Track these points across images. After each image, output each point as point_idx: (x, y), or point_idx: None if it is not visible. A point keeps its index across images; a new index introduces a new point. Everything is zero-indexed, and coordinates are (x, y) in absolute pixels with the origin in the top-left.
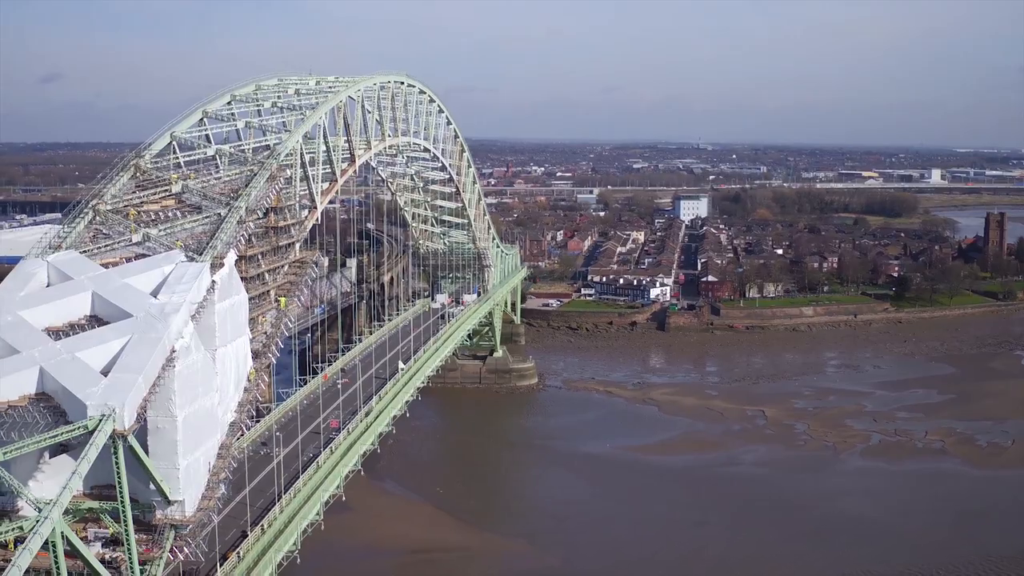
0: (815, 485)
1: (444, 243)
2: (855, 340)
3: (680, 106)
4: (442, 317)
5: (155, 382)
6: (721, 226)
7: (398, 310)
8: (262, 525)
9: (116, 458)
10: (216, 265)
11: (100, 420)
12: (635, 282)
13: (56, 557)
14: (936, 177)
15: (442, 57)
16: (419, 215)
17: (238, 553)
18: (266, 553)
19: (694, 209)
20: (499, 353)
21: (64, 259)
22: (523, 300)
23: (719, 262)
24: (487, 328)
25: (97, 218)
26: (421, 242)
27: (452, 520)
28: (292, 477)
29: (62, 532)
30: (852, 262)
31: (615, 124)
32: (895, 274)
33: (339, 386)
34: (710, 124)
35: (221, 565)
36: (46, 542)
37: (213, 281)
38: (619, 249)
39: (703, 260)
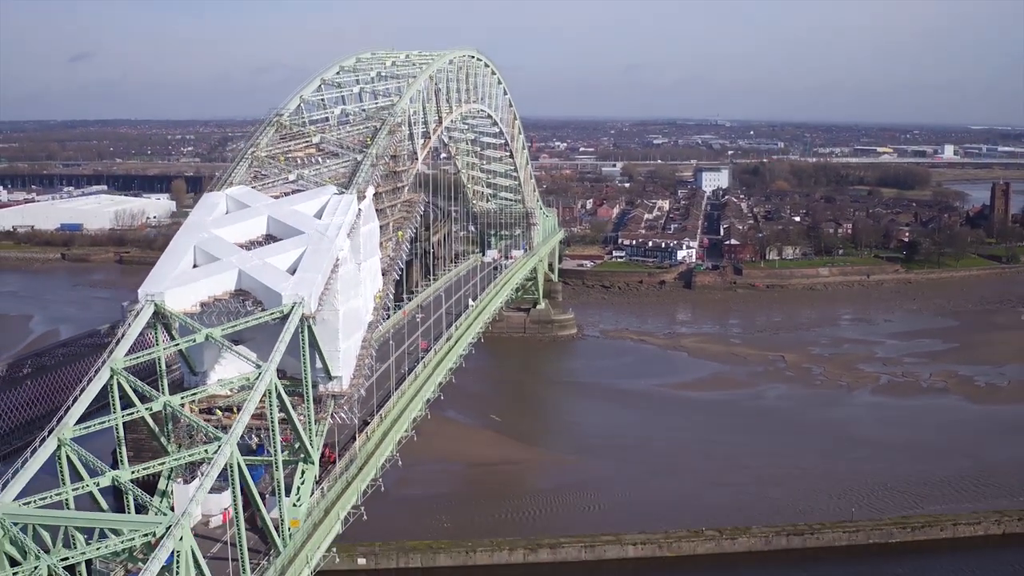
0: (831, 415)
1: (495, 203)
2: (867, 298)
3: (699, 84)
4: (495, 269)
5: (326, 283)
6: (741, 196)
7: (445, 268)
8: (381, 414)
9: (302, 336)
10: (360, 197)
11: (293, 306)
12: (663, 245)
13: (271, 406)
14: (949, 152)
15: (462, 35)
16: (473, 177)
17: (366, 434)
18: (388, 434)
19: (715, 181)
20: (542, 305)
21: (239, 192)
22: (559, 261)
23: (740, 227)
24: (531, 282)
25: (255, 163)
26: (474, 202)
27: (510, 441)
28: (398, 381)
29: (275, 384)
30: (865, 228)
31: (635, 102)
32: (905, 239)
33: (418, 320)
34: (729, 102)
35: (355, 440)
36: None
37: (359, 209)
38: (646, 216)
39: (725, 225)
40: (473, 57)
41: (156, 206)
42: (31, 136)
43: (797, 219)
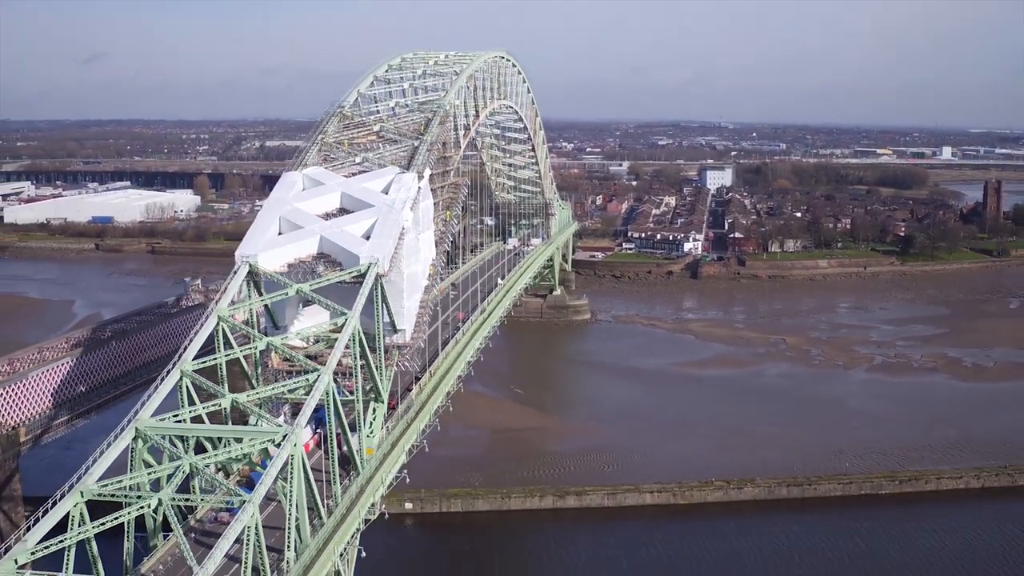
0: (828, 390)
1: (515, 195)
2: (864, 288)
3: (703, 87)
4: (516, 255)
5: (394, 248)
6: (744, 193)
7: (463, 258)
8: (430, 371)
9: (376, 292)
10: (419, 177)
11: (369, 266)
12: (670, 237)
13: (354, 352)
14: (947, 154)
15: (468, 36)
16: (497, 169)
17: (420, 386)
18: (438, 386)
19: (719, 179)
20: (558, 292)
21: (313, 172)
22: (572, 252)
23: (744, 222)
24: (547, 270)
25: (323, 148)
26: (497, 193)
27: (532, 411)
28: (443, 343)
29: (358, 328)
30: (863, 223)
31: (639, 104)
32: (901, 233)
33: (451, 296)
34: (732, 104)
35: (411, 391)
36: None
37: (419, 187)
38: (654, 211)
39: (730, 220)
40: (503, 58)
41: (183, 200)
42: (48, 135)
43: (798, 215)
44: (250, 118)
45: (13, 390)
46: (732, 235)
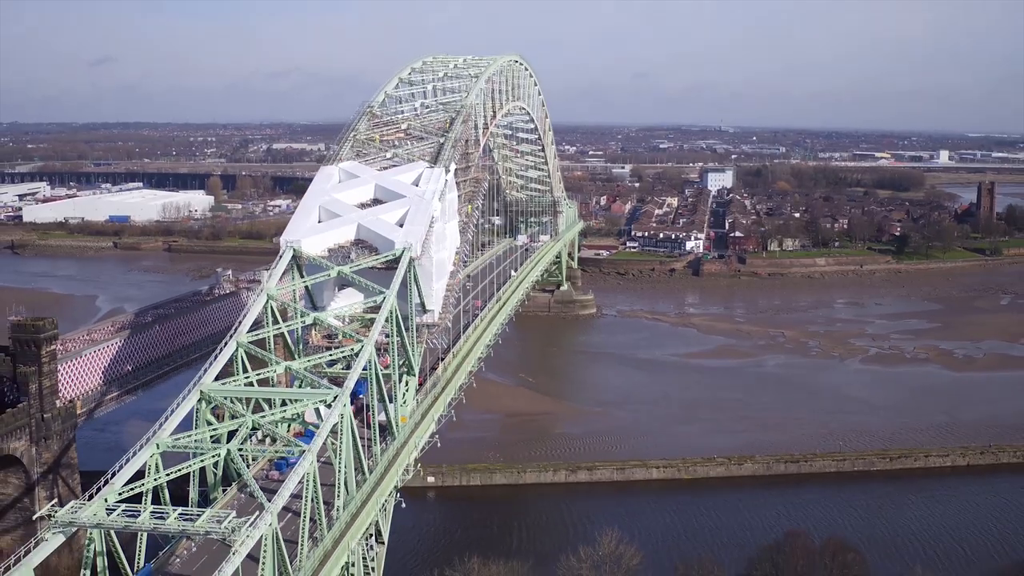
0: (825, 379)
1: (524, 193)
2: (860, 285)
3: (704, 92)
4: (525, 250)
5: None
6: (745, 195)
7: (473, 255)
8: (453, 352)
9: (409, 275)
10: (446, 170)
11: (403, 251)
12: (673, 236)
13: (391, 328)
14: (944, 158)
15: (471, 38)
16: (507, 168)
17: (444, 365)
18: (461, 365)
19: (720, 181)
20: (565, 287)
21: (348, 165)
22: (578, 250)
23: (744, 221)
24: (555, 266)
25: (355, 144)
26: (507, 192)
27: (543, 397)
28: (464, 327)
29: (394, 307)
30: (860, 222)
31: (641, 108)
32: (897, 233)
33: (468, 287)
34: (733, 109)
35: (438, 368)
36: None
37: (445, 180)
38: (656, 211)
39: (730, 220)
40: (517, 62)
41: (198, 200)
42: (57, 137)
43: (797, 215)
44: (256, 121)
45: (69, 367)
46: (733, 234)
